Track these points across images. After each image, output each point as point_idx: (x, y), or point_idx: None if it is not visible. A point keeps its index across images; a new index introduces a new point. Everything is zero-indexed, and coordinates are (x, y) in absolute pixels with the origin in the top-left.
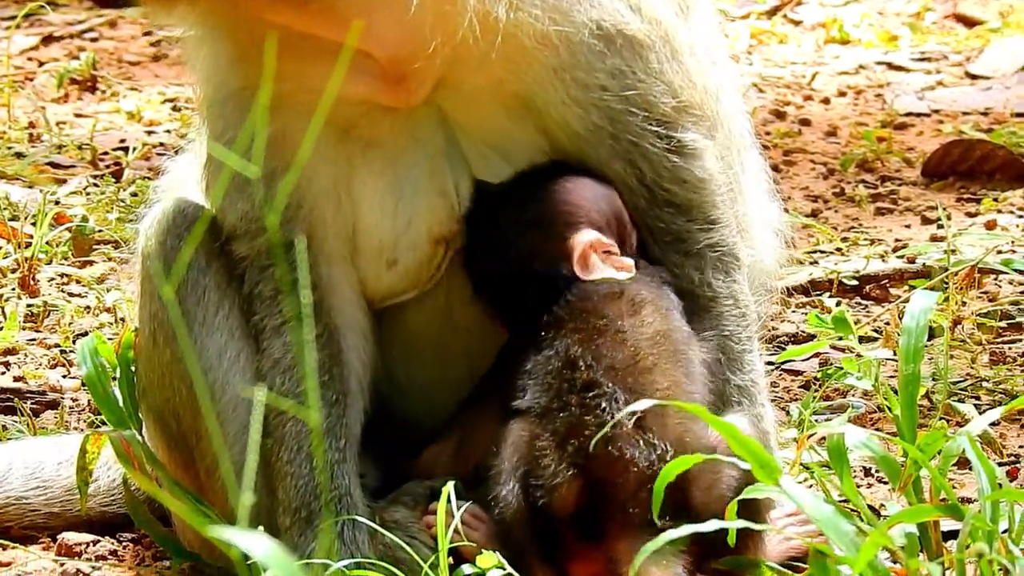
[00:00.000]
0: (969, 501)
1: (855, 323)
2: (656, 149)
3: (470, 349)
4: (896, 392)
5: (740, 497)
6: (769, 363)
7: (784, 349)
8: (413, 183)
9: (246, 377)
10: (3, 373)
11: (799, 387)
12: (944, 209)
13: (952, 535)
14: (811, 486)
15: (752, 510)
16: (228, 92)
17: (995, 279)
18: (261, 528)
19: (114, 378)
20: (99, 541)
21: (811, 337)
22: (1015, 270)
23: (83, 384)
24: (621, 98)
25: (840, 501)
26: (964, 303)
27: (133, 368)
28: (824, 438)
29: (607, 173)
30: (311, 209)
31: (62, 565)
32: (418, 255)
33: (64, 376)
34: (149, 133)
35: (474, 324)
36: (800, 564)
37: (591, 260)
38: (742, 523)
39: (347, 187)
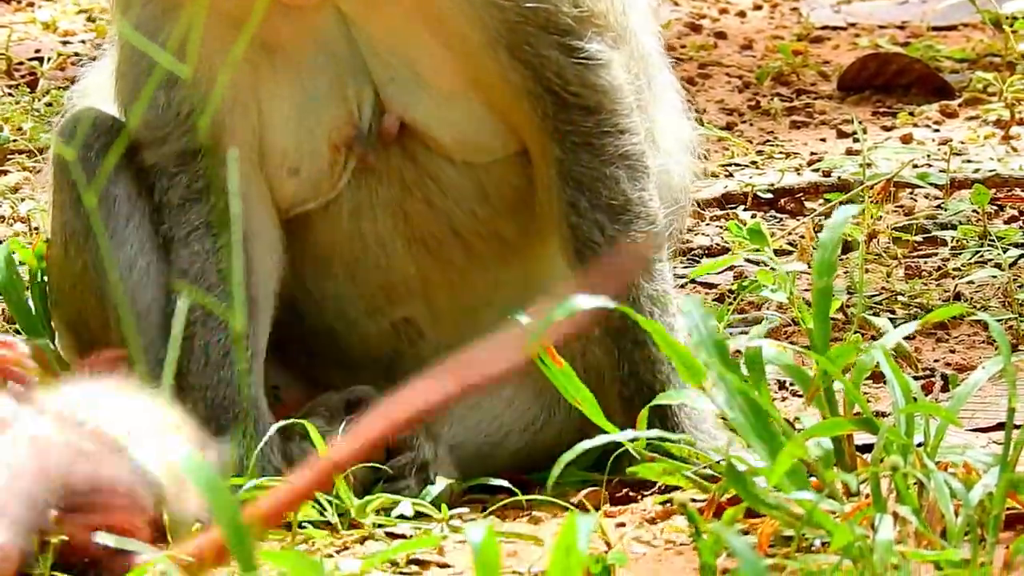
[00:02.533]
0: (884, 415)
1: (770, 236)
2: (560, 59)
3: (379, 261)
4: (810, 305)
5: (658, 402)
6: (683, 276)
7: (698, 263)
8: (314, 89)
9: (155, 289)
10: None
11: (714, 300)
12: (860, 123)
13: (867, 449)
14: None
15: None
16: None
17: (910, 193)
18: None
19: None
20: None
21: (726, 250)
22: (930, 184)
23: None
24: (520, 8)
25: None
26: (880, 217)
27: (45, 278)
28: (739, 351)
29: (510, 83)
30: (216, 114)
31: None
32: (319, 163)
33: None
34: (64, 43)
35: (382, 236)
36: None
37: None
38: (653, 432)
39: (251, 92)
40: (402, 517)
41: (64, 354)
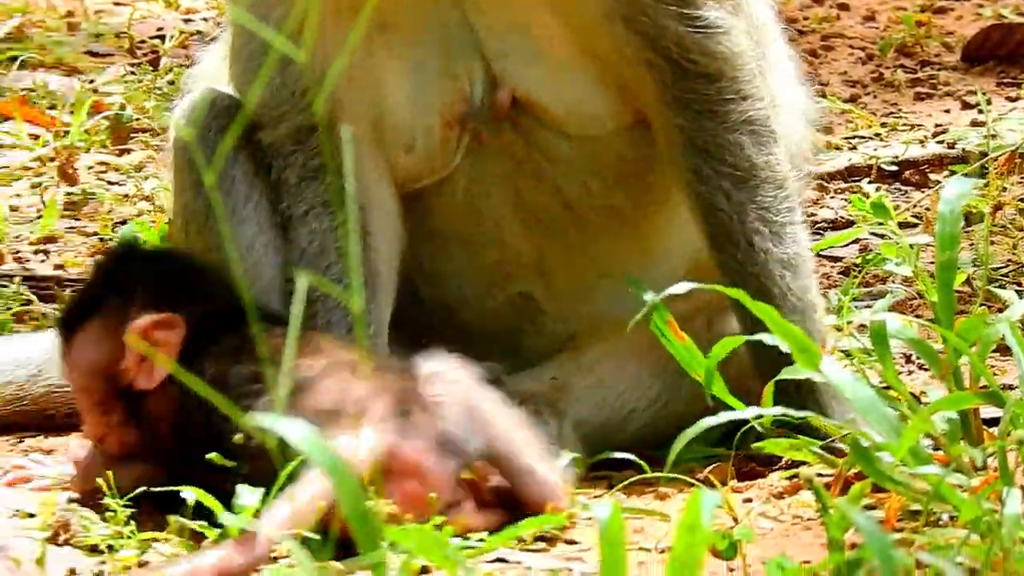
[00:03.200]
0: (1010, 388)
1: (894, 209)
2: (679, 28)
3: (493, 237)
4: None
5: (780, 378)
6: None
7: (823, 235)
8: (426, 66)
9: (275, 267)
10: (43, 261)
11: (838, 273)
12: (984, 94)
13: (994, 422)
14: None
15: None
16: None
17: None
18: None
19: None
20: None
21: (850, 223)
22: None
23: None
24: None
25: (882, 388)
26: (1005, 188)
27: None
28: (863, 325)
29: (626, 54)
30: (333, 92)
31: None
32: (432, 139)
33: None
34: (186, 21)
35: (496, 212)
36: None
37: None
38: (777, 410)
39: (366, 69)
40: None
41: None
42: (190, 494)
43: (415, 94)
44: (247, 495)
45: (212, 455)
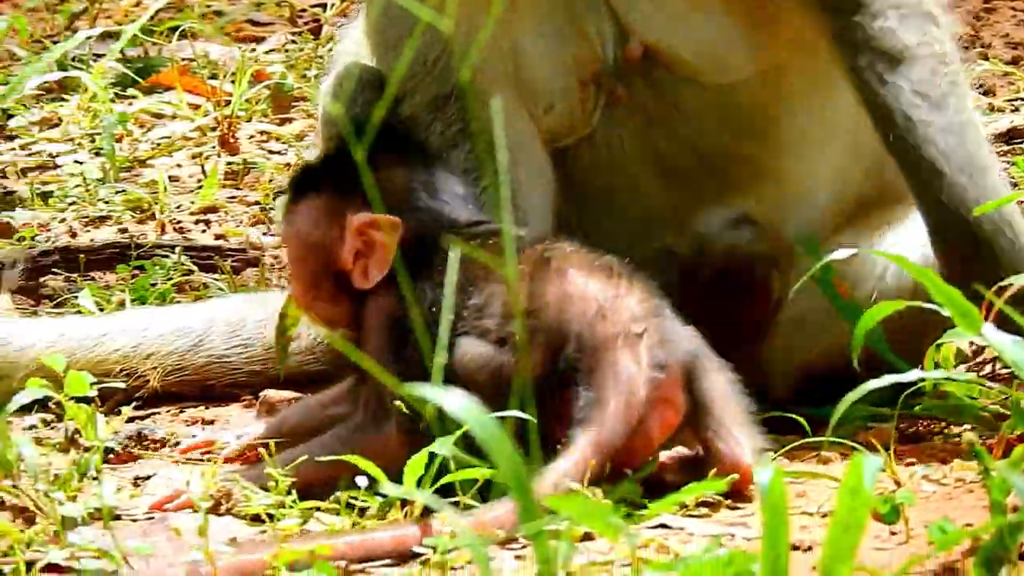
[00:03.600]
0: None
1: None
2: None
3: (634, 191)
4: None
5: (941, 341)
6: None
7: None
8: (559, 26)
9: None
10: (204, 231)
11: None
12: None
13: None
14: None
15: None
16: None
17: None
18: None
19: None
20: (299, 398)
21: (1014, 186)
22: None
23: None
24: None
25: None
26: None
27: None
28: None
29: None
30: (478, 59)
31: (263, 421)
32: (571, 99)
33: (264, 234)
34: None
35: (632, 167)
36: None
37: None
38: (939, 373)
39: (504, 34)
40: None
41: None
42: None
43: (550, 55)
44: (411, 468)
45: (399, 402)
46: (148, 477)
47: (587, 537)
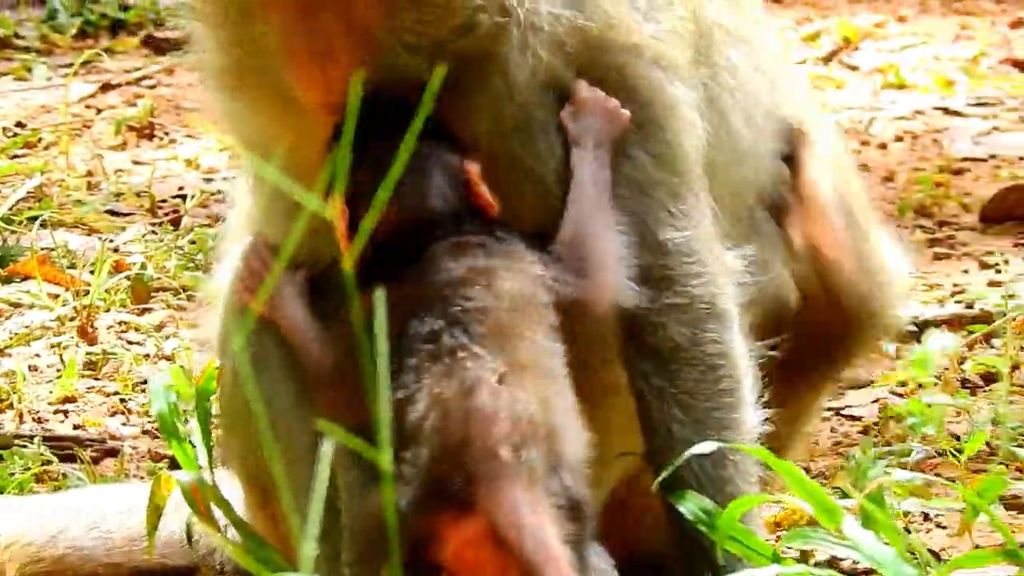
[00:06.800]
0: None
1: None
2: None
3: None
4: (957, 438)
5: (800, 547)
6: (830, 408)
7: (843, 395)
8: None
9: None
10: (62, 421)
11: (858, 432)
12: (1002, 254)
13: None
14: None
15: None
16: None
17: None
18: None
19: (186, 420)
20: None
21: (870, 382)
22: None
23: (143, 431)
24: None
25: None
26: (1022, 348)
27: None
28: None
29: None
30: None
31: None
32: None
33: (123, 424)
34: (207, 180)
35: None
36: None
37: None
38: (800, 567)
39: None
40: None
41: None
42: None
43: None
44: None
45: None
46: None
47: None
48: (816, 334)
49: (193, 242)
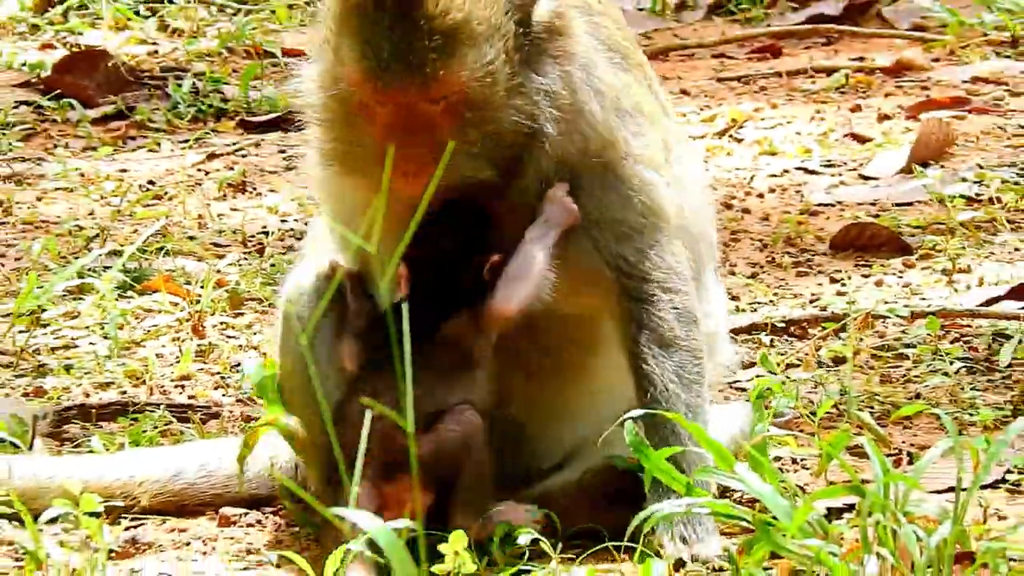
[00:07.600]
0: (867, 482)
1: (782, 354)
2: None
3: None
4: (812, 403)
5: (697, 477)
6: (727, 382)
7: (736, 373)
8: None
9: None
10: (180, 393)
11: (745, 400)
12: (846, 272)
13: (854, 508)
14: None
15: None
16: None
17: (883, 322)
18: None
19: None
20: (248, 513)
21: (752, 364)
22: (898, 316)
23: (237, 400)
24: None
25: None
26: (862, 339)
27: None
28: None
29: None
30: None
31: (222, 529)
32: None
33: (223, 395)
34: (283, 221)
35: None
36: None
37: None
38: (704, 499)
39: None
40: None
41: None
42: None
43: None
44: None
45: None
46: (139, 570)
47: None
48: None
49: (273, 265)
